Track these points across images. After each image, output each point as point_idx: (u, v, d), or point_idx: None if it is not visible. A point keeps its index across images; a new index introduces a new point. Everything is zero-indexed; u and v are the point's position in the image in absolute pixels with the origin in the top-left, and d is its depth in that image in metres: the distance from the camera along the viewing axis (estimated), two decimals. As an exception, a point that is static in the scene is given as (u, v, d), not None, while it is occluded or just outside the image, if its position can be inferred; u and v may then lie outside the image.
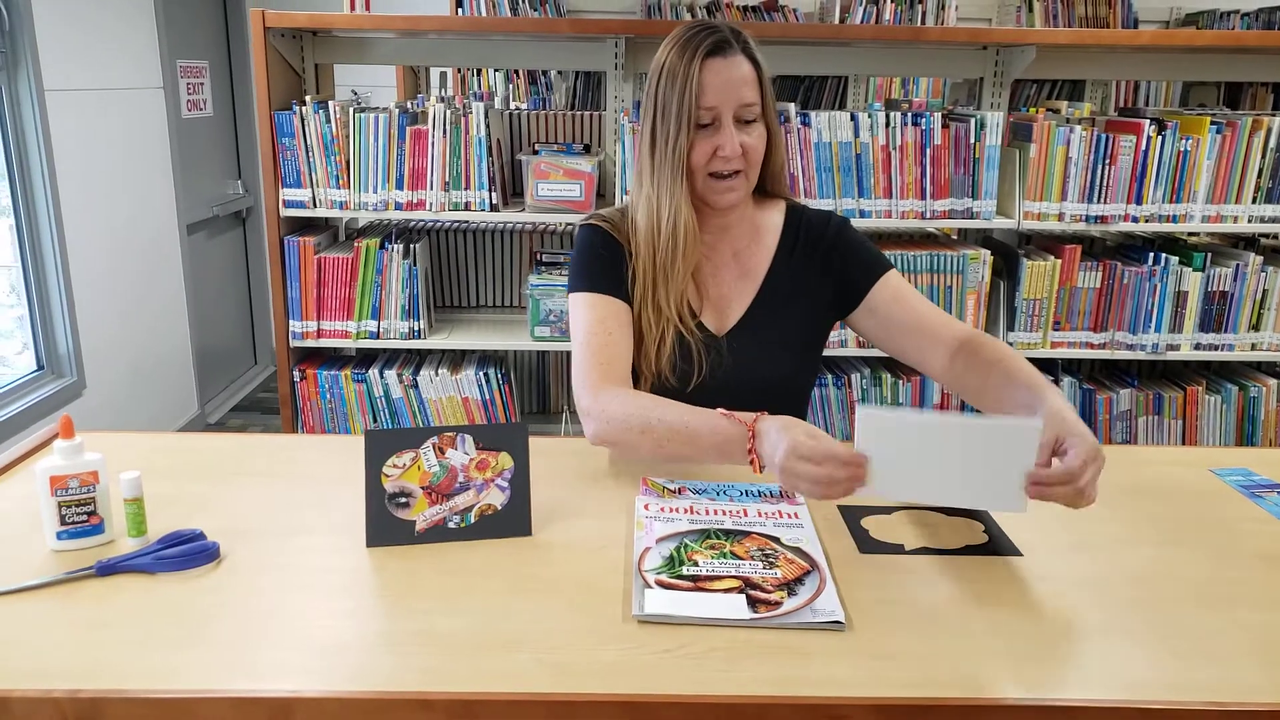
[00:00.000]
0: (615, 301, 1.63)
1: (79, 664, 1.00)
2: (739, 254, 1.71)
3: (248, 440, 1.64)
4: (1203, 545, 1.31)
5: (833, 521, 1.35)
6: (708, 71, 1.54)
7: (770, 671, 1.01)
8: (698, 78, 1.54)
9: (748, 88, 1.56)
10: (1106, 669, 1.02)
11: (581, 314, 1.63)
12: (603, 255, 1.66)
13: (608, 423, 1.48)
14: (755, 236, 1.72)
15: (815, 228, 1.73)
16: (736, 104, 1.56)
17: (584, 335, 1.60)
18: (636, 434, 1.46)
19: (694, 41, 1.56)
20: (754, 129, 1.59)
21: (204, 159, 4.76)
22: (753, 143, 1.58)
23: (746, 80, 1.56)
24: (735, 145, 1.56)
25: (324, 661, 1.01)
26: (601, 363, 1.56)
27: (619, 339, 1.60)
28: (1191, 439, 3.02)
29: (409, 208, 2.77)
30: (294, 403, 2.90)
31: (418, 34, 2.97)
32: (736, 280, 1.70)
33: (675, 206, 1.59)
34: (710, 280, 1.69)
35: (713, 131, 1.57)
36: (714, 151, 1.56)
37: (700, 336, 1.63)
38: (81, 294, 3.61)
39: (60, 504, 1.22)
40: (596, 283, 1.64)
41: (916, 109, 2.79)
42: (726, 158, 1.56)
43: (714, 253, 1.70)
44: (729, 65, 1.55)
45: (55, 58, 3.43)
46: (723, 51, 1.55)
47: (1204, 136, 2.72)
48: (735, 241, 1.70)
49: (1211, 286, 2.83)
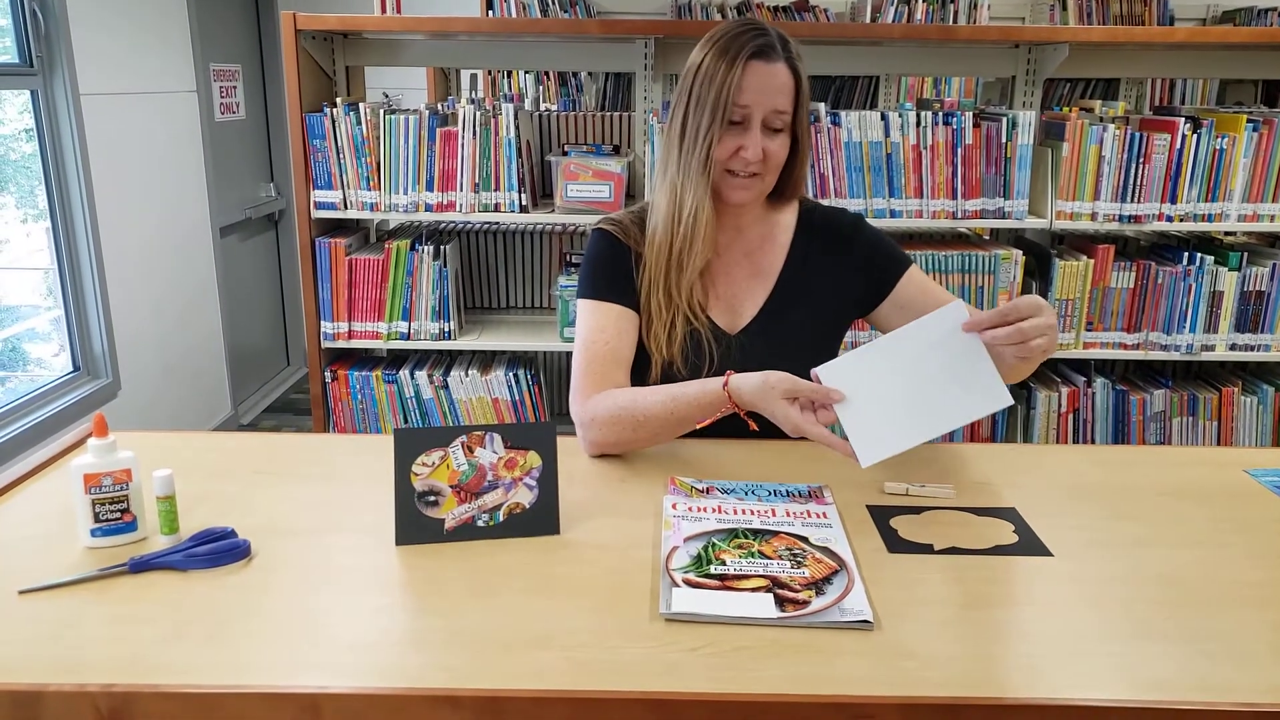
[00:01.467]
0: (616, 308, 1.66)
1: (112, 659, 1.01)
2: (751, 254, 1.72)
3: (278, 439, 1.66)
4: (1237, 546, 1.29)
5: (861, 521, 1.34)
6: (749, 72, 1.55)
7: (797, 670, 1.00)
8: (739, 76, 1.55)
9: (783, 96, 1.58)
10: (1136, 669, 1.01)
11: (583, 321, 1.67)
12: (607, 261, 1.69)
13: (599, 428, 1.55)
14: (769, 236, 1.73)
15: (831, 226, 1.74)
16: (769, 109, 1.57)
17: (582, 344, 1.65)
18: (630, 430, 1.54)
19: (740, 39, 1.57)
20: (779, 137, 1.60)
21: (236, 162, 4.80)
22: (775, 149, 1.59)
23: (783, 88, 1.57)
24: (758, 149, 1.57)
25: (352, 658, 1.02)
26: (595, 373, 1.62)
27: (616, 346, 1.64)
28: (1226, 440, 2.98)
29: (439, 209, 2.78)
30: (325, 404, 2.92)
31: (448, 36, 2.98)
32: (749, 279, 1.71)
33: (698, 197, 1.61)
34: (722, 279, 1.70)
35: (740, 131, 1.58)
36: (737, 150, 1.58)
37: (711, 333, 1.64)
38: (116, 296, 3.66)
39: (94, 501, 1.23)
40: (600, 290, 1.68)
41: (948, 108, 2.78)
42: (747, 160, 1.57)
43: (726, 251, 1.71)
44: (770, 70, 1.56)
45: (90, 62, 3.47)
46: (766, 55, 1.56)
47: (1240, 134, 2.69)
48: (748, 241, 1.72)
49: (1247, 286, 2.79)
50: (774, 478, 1.47)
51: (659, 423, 1.53)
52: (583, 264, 1.73)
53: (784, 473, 1.50)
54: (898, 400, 1.34)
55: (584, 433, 1.58)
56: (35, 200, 3.48)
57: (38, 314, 3.76)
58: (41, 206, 3.44)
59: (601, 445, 1.57)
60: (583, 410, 1.58)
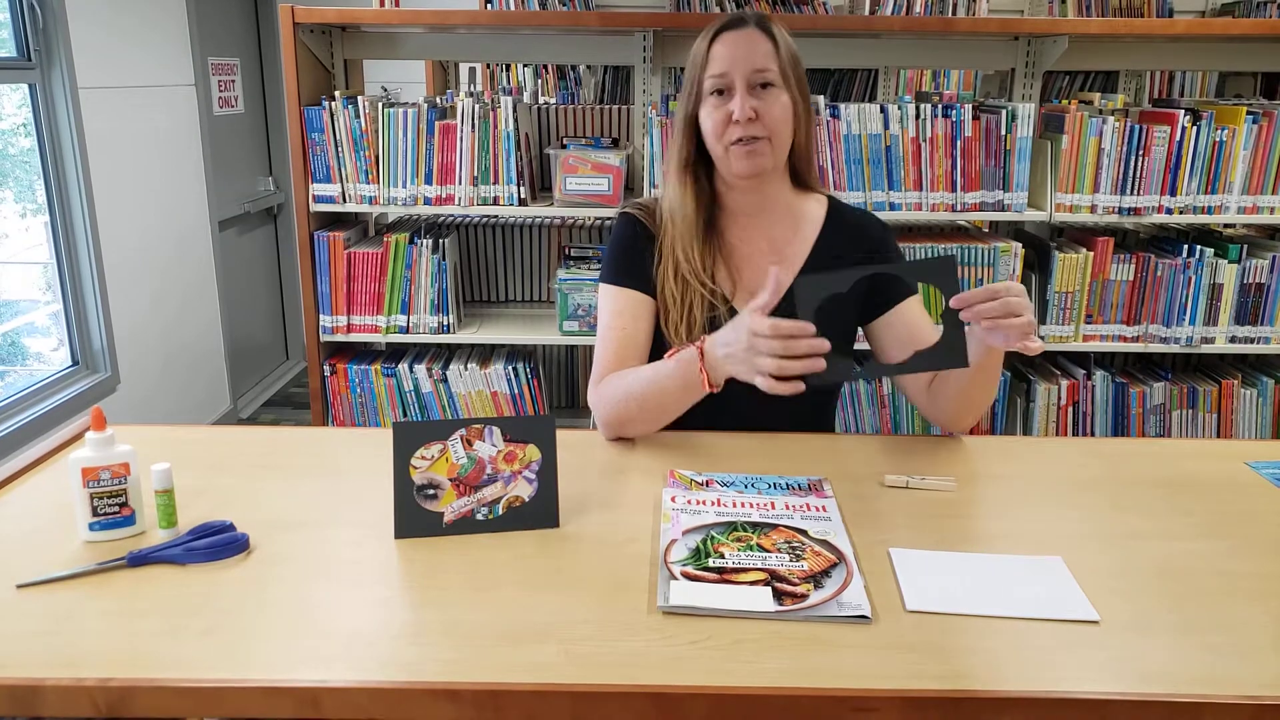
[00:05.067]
0: (633, 294, 1.68)
1: (110, 653, 1.01)
2: (775, 241, 1.71)
3: (277, 433, 1.66)
4: (1237, 538, 1.29)
5: (861, 515, 1.34)
6: (718, 43, 1.59)
7: (797, 664, 1.00)
8: (707, 49, 1.60)
9: (760, 55, 1.58)
10: (1138, 662, 1.01)
11: (602, 306, 1.71)
12: (629, 246, 1.70)
13: (605, 407, 1.59)
14: (794, 226, 1.72)
15: (858, 226, 1.74)
16: (748, 69, 1.58)
17: (602, 329, 1.69)
18: (630, 408, 1.56)
19: (714, 23, 1.62)
20: (772, 95, 1.59)
21: (235, 155, 4.80)
22: (770, 109, 1.59)
23: (759, 48, 1.59)
24: (746, 108, 1.56)
25: (352, 652, 1.02)
26: (610, 358, 1.65)
27: (633, 331, 1.67)
28: (1226, 433, 2.98)
29: (438, 202, 2.78)
30: (324, 397, 2.91)
31: (446, 29, 2.97)
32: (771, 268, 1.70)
33: (681, 179, 1.66)
34: (744, 266, 1.70)
35: (726, 99, 1.59)
36: (729, 119, 1.58)
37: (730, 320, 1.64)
38: (115, 290, 3.65)
39: (92, 495, 1.23)
40: (620, 275, 1.70)
41: (947, 101, 2.77)
42: (738, 121, 1.57)
43: (749, 236, 1.70)
44: (741, 36, 1.59)
45: (88, 55, 3.47)
46: (735, 26, 1.60)
47: (1240, 127, 2.68)
48: (771, 228, 1.71)
49: (1247, 279, 2.79)
50: (773, 471, 1.47)
51: (649, 395, 1.55)
52: (606, 247, 1.75)
53: (783, 466, 1.49)
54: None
55: (596, 415, 1.62)
56: (34, 194, 3.48)
57: (36, 308, 3.76)
58: (40, 201, 3.43)
59: (610, 425, 1.60)
60: (594, 394, 1.62)
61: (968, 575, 1.18)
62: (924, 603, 1.12)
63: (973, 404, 1.57)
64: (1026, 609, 1.11)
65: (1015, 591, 1.14)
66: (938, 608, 1.11)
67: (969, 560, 1.22)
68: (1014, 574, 1.19)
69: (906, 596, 1.13)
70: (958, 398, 1.57)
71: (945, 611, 1.10)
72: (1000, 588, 1.15)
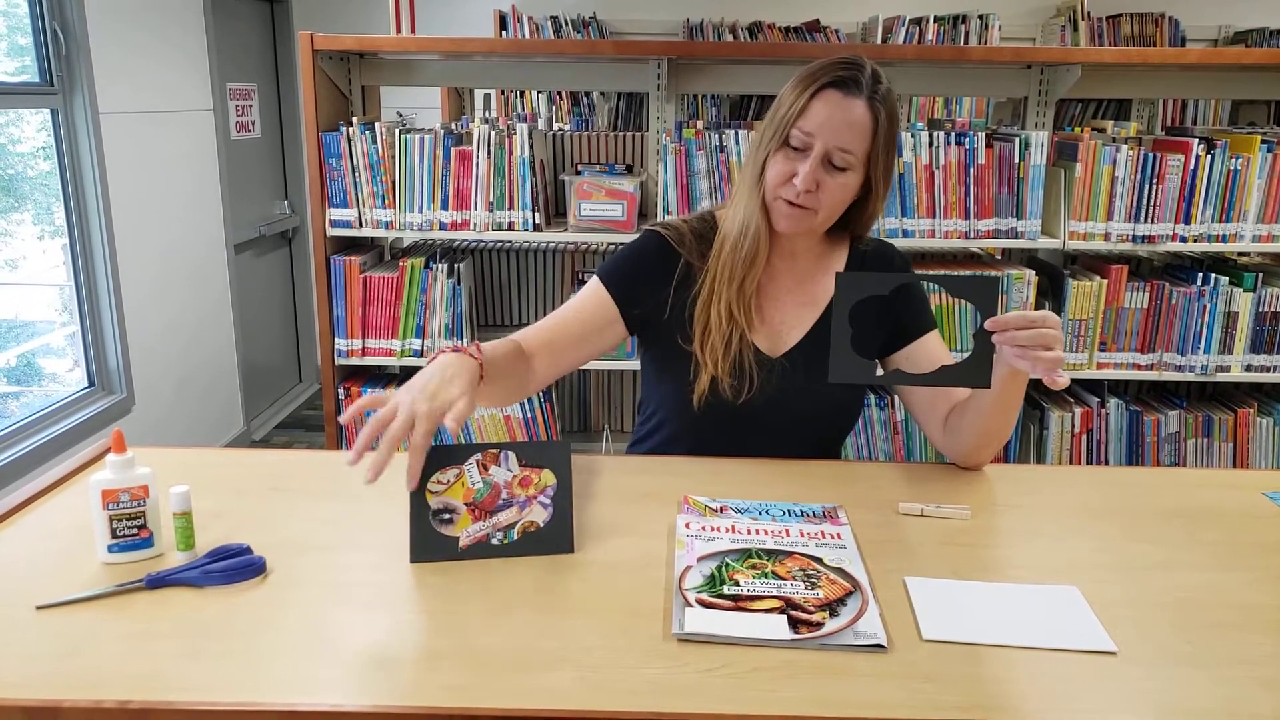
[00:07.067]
0: (606, 299, 1.69)
1: (129, 675, 1.01)
2: (803, 281, 1.71)
3: (293, 456, 1.66)
4: (1255, 569, 1.28)
5: (876, 543, 1.34)
6: (820, 99, 1.52)
7: (812, 692, 1.00)
8: (806, 100, 1.52)
9: (852, 133, 1.52)
10: (1156, 695, 1.01)
11: (581, 290, 1.72)
12: (639, 260, 1.70)
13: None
14: (822, 267, 1.72)
15: (881, 257, 1.74)
16: (834, 144, 1.52)
17: (562, 306, 1.71)
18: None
19: (825, 69, 1.54)
20: (842, 176, 1.55)
21: (252, 180, 4.84)
22: (831, 187, 1.55)
23: (856, 125, 1.52)
24: (810, 180, 1.53)
25: (367, 676, 1.02)
26: (540, 328, 1.66)
27: (575, 323, 1.68)
28: (1243, 462, 2.96)
29: (453, 227, 2.80)
30: (338, 420, 2.92)
31: (462, 56, 3.00)
32: (797, 306, 1.70)
33: (750, 213, 1.61)
34: (770, 304, 1.70)
35: (799, 157, 1.54)
36: (790, 177, 1.55)
37: (754, 355, 1.64)
38: (131, 312, 3.68)
39: (111, 517, 1.24)
40: (612, 276, 1.70)
41: (960, 129, 2.78)
42: (796, 188, 1.54)
43: (777, 277, 1.70)
44: (845, 103, 1.51)
45: (109, 81, 3.51)
46: (844, 88, 1.52)
47: (1254, 155, 2.69)
48: (800, 269, 1.71)
49: (1263, 307, 2.78)
50: (788, 498, 1.47)
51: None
52: (620, 249, 1.74)
53: (798, 493, 1.49)
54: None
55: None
56: (52, 217, 3.51)
57: (53, 330, 3.79)
58: (59, 223, 3.46)
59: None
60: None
61: (984, 604, 1.18)
62: (940, 632, 1.11)
63: (990, 436, 1.56)
64: (1043, 639, 1.11)
65: (1032, 621, 1.14)
66: (954, 637, 1.11)
67: (985, 589, 1.22)
68: (1030, 604, 1.19)
69: (923, 625, 1.13)
70: (975, 428, 1.56)
71: (961, 641, 1.10)
72: (1017, 617, 1.15)
